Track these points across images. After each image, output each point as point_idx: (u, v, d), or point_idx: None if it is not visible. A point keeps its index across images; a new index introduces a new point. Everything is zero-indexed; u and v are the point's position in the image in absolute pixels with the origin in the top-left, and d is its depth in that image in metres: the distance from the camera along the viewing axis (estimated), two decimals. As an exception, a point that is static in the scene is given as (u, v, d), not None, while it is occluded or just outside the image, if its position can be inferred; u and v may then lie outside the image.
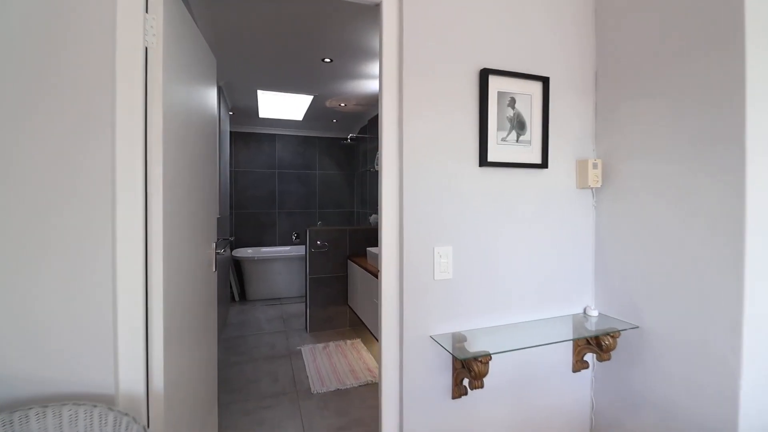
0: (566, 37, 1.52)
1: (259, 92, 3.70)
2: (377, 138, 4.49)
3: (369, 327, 2.89)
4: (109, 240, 1.04)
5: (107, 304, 1.04)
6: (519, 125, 1.43)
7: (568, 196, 1.55)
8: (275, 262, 4.54)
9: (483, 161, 1.38)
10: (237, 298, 4.50)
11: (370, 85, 3.46)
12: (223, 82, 3.33)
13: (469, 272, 1.39)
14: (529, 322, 1.49)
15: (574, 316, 1.57)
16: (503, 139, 1.41)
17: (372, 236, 3.58)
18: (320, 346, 3.11)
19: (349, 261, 3.46)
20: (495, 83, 1.38)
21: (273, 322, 3.73)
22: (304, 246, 5.20)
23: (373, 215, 4.05)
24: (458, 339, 1.31)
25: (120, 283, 1.06)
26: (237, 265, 4.74)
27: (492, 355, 1.18)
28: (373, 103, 4.02)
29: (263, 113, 4.58)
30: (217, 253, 1.79)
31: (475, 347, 1.26)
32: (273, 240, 5.19)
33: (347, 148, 5.53)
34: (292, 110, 4.48)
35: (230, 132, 4.87)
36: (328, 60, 2.89)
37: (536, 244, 1.50)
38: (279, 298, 4.58)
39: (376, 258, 2.81)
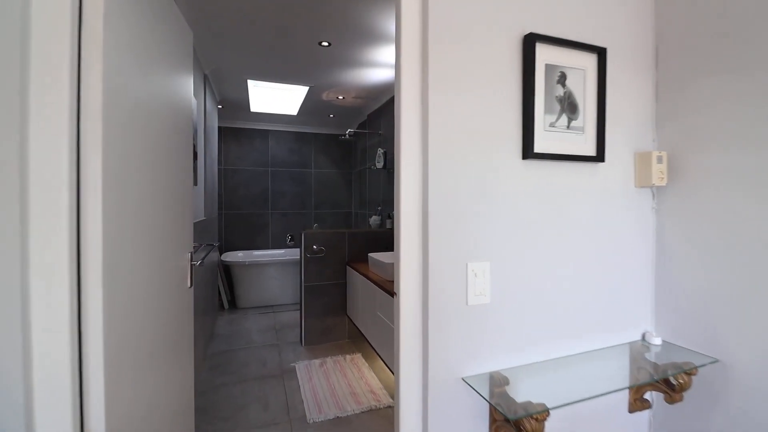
0: None
1: (250, 83, 3.38)
2: (377, 134, 4.23)
3: (370, 340, 2.59)
4: (14, 253, 0.73)
5: (12, 338, 0.73)
6: (570, 108, 1.14)
7: (625, 196, 1.26)
8: (268, 266, 4.22)
9: (527, 152, 1.08)
10: (226, 305, 4.18)
11: (372, 75, 3.16)
12: (210, 70, 3.01)
13: (510, 294, 1.09)
14: (581, 354, 1.19)
15: (632, 344, 1.28)
16: (552, 125, 1.12)
17: (374, 240, 3.27)
18: (316, 362, 2.80)
19: (348, 267, 3.15)
20: (543, 53, 1.09)
21: (265, 334, 3.41)
22: (298, 249, 4.90)
23: (374, 217, 3.75)
24: (498, 382, 1.01)
25: (36, 309, 0.75)
26: (226, 270, 4.41)
27: (550, 411, 0.88)
28: (373, 95, 3.72)
29: (255, 107, 4.26)
30: (195, 264, 1.48)
31: (520, 393, 0.97)
32: (266, 243, 4.87)
33: (345, 144, 5.22)
34: (286, 104, 4.16)
35: (219, 127, 4.54)
36: (325, 44, 2.58)
37: (589, 258, 1.20)
38: (272, 306, 4.26)
39: (381, 266, 2.50)
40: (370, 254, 2.78)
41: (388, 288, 2.22)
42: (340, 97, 3.81)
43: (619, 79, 1.23)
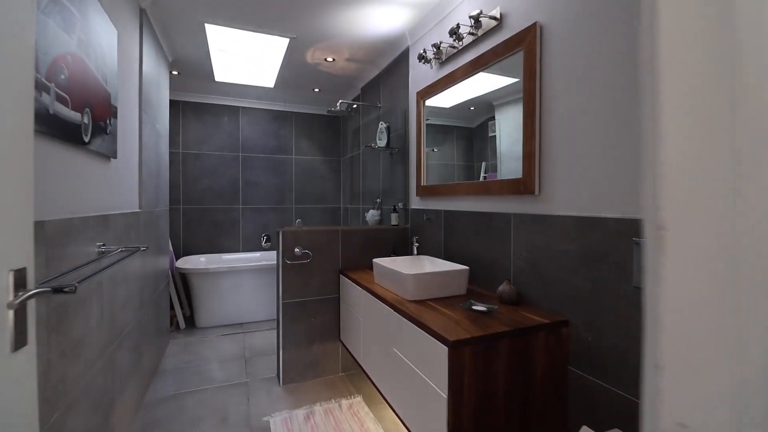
0: None
1: (210, 31, 2.53)
2: (376, 107, 3.17)
3: (378, 383, 1.80)
4: None
5: None
6: None
7: None
8: (237, 274, 3.36)
9: None
10: (182, 324, 3.29)
11: (373, 21, 2.37)
12: (148, 2, 2.14)
13: None
14: None
15: None
16: None
17: (375, 241, 2.48)
18: (300, 413, 1.99)
19: (342, 277, 2.36)
20: None
21: (230, 366, 2.56)
22: (276, 253, 4.05)
23: (371, 212, 2.97)
24: None
25: None
26: (183, 279, 3.52)
27: None
28: (371, 57, 2.92)
29: (221, 75, 3.40)
30: (32, 295, 0.66)
31: None
32: (235, 245, 4.00)
33: (333, 125, 4.40)
34: (260, 74, 3.32)
35: (176, 101, 3.65)
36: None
37: None
38: (241, 324, 3.40)
39: (396, 278, 1.71)
40: (375, 260, 1.99)
41: (410, 312, 1.44)
42: (329, 59, 3.00)
43: None
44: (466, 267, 1.75)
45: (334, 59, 3.00)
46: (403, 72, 2.69)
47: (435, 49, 2.13)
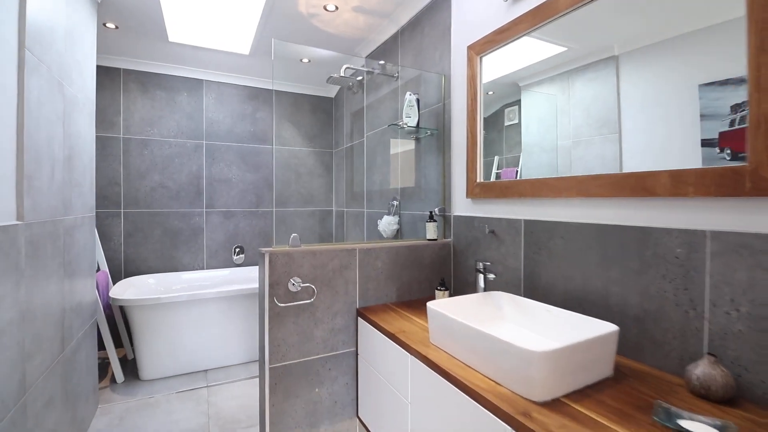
0: None
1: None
2: (393, 78, 2.28)
3: None
4: None
5: None
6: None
7: None
8: (198, 305, 2.46)
9: None
10: (120, 377, 2.35)
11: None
12: None
13: None
14: None
15: None
16: None
17: (409, 265, 1.69)
18: None
19: (361, 321, 1.54)
20: None
21: (186, 454, 1.69)
22: (251, 267, 3.16)
23: (387, 218, 2.17)
24: None
25: None
26: (123, 313, 2.59)
27: None
28: (392, 6, 2.12)
29: (176, 35, 2.49)
30: None
31: None
32: (197, 260, 3.08)
33: (323, 108, 3.55)
34: (232, 35, 2.44)
35: (114, 68, 2.70)
36: None
37: None
38: (205, 372, 2.50)
39: (483, 343, 0.90)
40: (437, 307, 1.18)
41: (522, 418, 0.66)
42: (331, 7, 2.16)
43: None
44: (614, 327, 0.98)
45: (337, 7, 2.17)
46: (440, 21, 1.90)
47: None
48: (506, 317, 1.30)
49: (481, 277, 1.42)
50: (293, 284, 1.42)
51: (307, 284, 1.46)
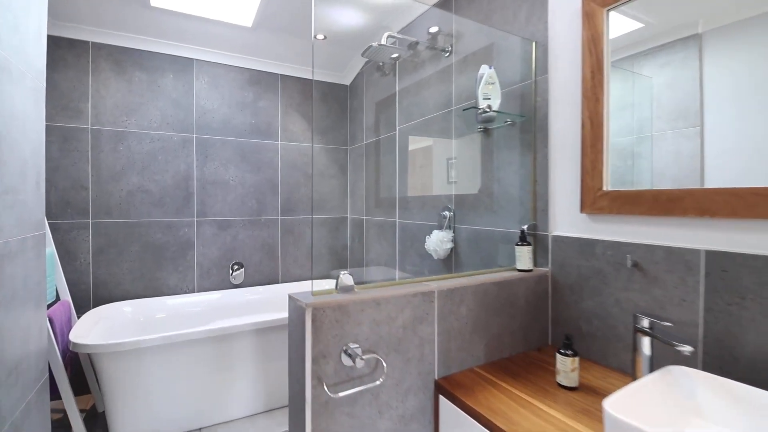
0: None
1: None
2: (442, 51, 1.81)
3: None
4: None
5: None
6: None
7: None
8: (189, 346, 1.88)
9: None
10: (84, 443, 1.77)
11: None
12: None
13: None
14: None
15: None
16: None
17: (500, 309, 1.17)
18: None
19: (443, 401, 1.02)
20: None
21: None
22: (255, 289, 2.59)
23: (437, 233, 1.66)
24: None
25: None
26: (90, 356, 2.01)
27: None
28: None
29: (159, -9, 1.93)
30: None
31: None
32: (185, 281, 2.50)
33: (336, 96, 3.01)
34: (232, 1, 1.90)
35: (81, 41, 2.13)
36: None
37: None
38: (199, 430, 1.94)
39: None
40: (612, 409, 0.67)
41: None
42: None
43: None
44: None
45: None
46: (527, -30, 1.39)
47: None
48: (705, 415, 0.80)
49: (646, 341, 0.91)
50: (350, 355, 0.89)
51: (371, 354, 0.92)
